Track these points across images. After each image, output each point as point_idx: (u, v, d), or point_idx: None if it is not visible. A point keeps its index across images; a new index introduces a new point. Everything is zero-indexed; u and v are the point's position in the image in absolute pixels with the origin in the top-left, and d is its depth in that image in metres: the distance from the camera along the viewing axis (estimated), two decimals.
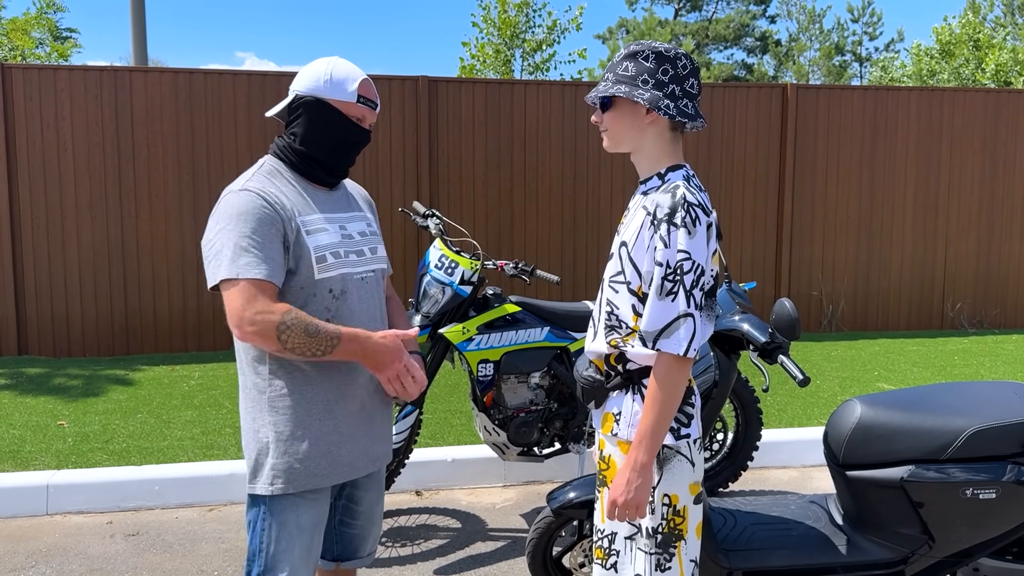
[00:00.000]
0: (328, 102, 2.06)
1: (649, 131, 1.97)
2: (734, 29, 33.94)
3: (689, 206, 1.85)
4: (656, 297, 1.86)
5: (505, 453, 3.89)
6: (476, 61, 13.70)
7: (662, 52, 1.93)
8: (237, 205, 1.95)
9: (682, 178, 1.95)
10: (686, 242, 1.83)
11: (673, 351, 1.84)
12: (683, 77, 1.94)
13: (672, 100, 1.92)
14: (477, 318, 3.75)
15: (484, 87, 7.72)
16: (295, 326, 1.90)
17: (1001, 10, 25.81)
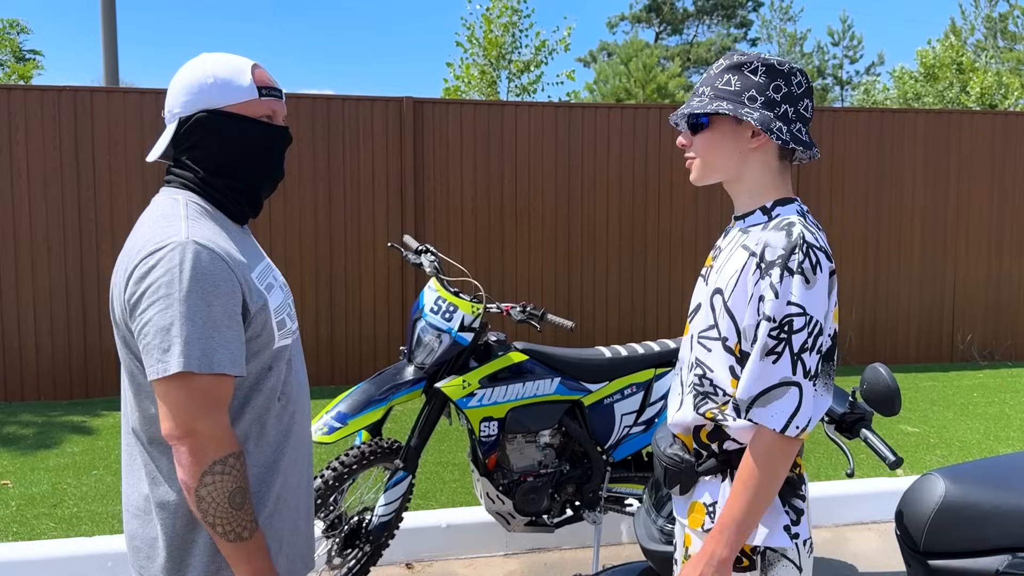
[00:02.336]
0: (225, 111, 1.59)
1: (753, 159, 1.63)
2: (716, 52, 33.92)
3: (809, 248, 1.51)
4: (758, 358, 1.53)
5: (511, 523, 3.40)
6: (460, 82, 13.29)
7: (774, 65, 1.61)
8: (198, 266, 1.47)
9: (795, 212, 1.60)
10: (801, 293, 1.49)
11: (768, 425, 1.52)
12: (797, 97, 1.61)
13: (784, 123, 1.59)
14: (479, 369, 3.27)
15: (472, 109, 7.28)
16: (227, 480, 1.48)
17: (982, 34, 25.92)
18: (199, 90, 1.58)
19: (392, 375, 3.26)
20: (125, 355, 1.57)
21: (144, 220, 1.58)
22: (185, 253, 1.46)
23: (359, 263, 7.08)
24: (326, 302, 7.05)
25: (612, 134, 7.50)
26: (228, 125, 1.59)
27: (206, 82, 1.58)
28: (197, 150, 1.59)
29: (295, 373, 1.71)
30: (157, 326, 1.45)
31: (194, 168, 1.60)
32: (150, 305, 1.45)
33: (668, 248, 7.63)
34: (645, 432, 3.53)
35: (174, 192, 1.61)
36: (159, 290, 1.45)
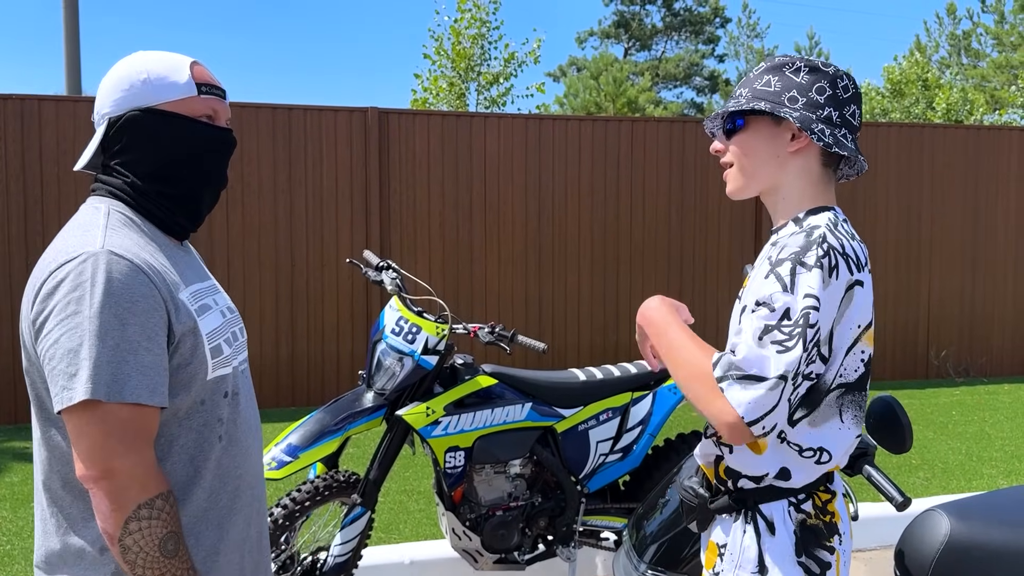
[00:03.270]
0: (159, 109, 1.42)
1: (792, 164, 1.47)
2: (684, 68, 34.10)
3: (829, 248, 1.35)
4: (755, 340, 1.33)
5: (478, 561, 3.16)
6: (428, 94, 13.07)
7: (819, 66, 1.47)
8: (112, 279, 1.28)
9: (828, 221, 1.42)
10: (819, 287, 1.32)
11: (732, 403, 1.31)
12: (843, 101, 1.46)
13: (828, 126, 1.44)
14: (444, 395, 3.03)
15: (440, 120, 7.07)
16: (156, 524, 1.29)
17: (947, 51, 26.33)
18: (130, 87, 1.41)
19: (349, 402, 3.01)
20: (32, 385, 1.37)
21: (60, 234, 1.39)
22: (98, 264, 1.28)
23: (321, 279, 6.82)
24: (287, 320, 6.76)
25: (583, 147, 7.33)
26: (162, 124, 1.41)
27: (138, 78, 1.42)
28: (127, 153, 1.42)
29: (241, 411, 1.50)
30: (64, 348, 1.25)
31: (123, 173, 1.42)
32: (58, 324, 1.26)
33: (641, 262, 7.46)
34: (622, 460, 3.32)
35: (97, 201, 1.43)
36: (68, 307, 1.26)
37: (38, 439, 1.39)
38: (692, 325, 1.79)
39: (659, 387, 3.36)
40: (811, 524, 1.45)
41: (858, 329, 1.41)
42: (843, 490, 1.60)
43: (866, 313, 1.42)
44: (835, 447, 1.43)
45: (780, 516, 1.45)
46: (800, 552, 1.44)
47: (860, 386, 1.43)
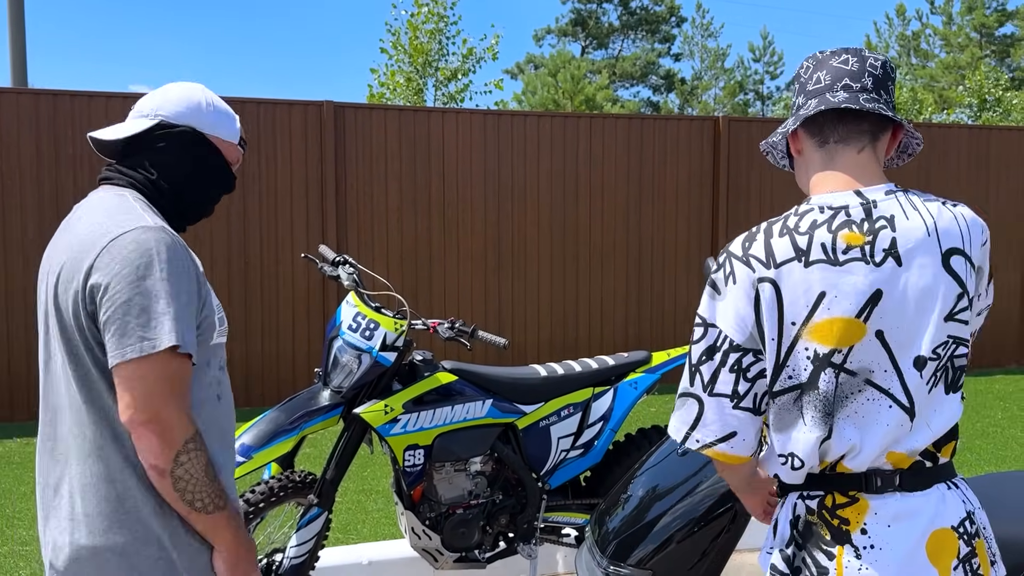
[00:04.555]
0: (208, 137, 1.66)
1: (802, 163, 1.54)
2: (640, 67, 34.36)
3: (728, 257, 1.44)
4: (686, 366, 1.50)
5: (438, 560, 3.11)
6: (386, 89, 12.95)
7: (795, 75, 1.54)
8: (167, 249, 1.48)
9: (790, 213, 1.45)
10: (707, 304, 1.45)
11: (673, 435, 1.49)
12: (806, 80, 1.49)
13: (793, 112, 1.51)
14: (403, 392, 2.98)
15: (397, 115, 7.00)
16: (200, 455, 1.46)
17: (896, 51, 26.88)
18: (196, 108, 1.64)
19: (305, 401, 2.94)
20: (73, 351, 1.48)
21: (90, 213, 1.53)
22: (158, 237, 1.47)
23: (276, 277, 6.70)
24: (240, 319, 6.63)
25: (542, 143, 7.31)
26: (204, 150, 1.65)
27: (205, 106, 1.65)
28: (164, 155, 1.62)
29: (226, 377, 1.70)
30: (139, 306, 1.41)
31: (149, 171, 1.62)
32: (128, 284, 1.42)
33: (600, 258, 7.46)
34: (583, 456, 3.29)
35: (117, 190, 1.59)
36: (137, 271, 1.43)
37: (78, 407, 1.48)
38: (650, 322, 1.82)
39: (620, 382, 3.35)
40: (809, 521, 1.42)
41: (792, 327, 1.37)
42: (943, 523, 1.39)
43: (799, 310, 1.37)
44: (802, 450, 1.39)
45: (790, 504, 1.46)
46: (792, 543, 1.43)
47: (815, 384, 1.37)
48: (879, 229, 1.37)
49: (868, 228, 1.37)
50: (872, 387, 1.36)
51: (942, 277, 1.36)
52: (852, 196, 1.40)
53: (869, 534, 1.37)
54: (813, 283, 1.35)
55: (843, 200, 1.39)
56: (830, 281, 1.35)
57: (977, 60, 26.53)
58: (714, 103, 34.02)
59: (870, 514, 1.38)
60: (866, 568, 1.36)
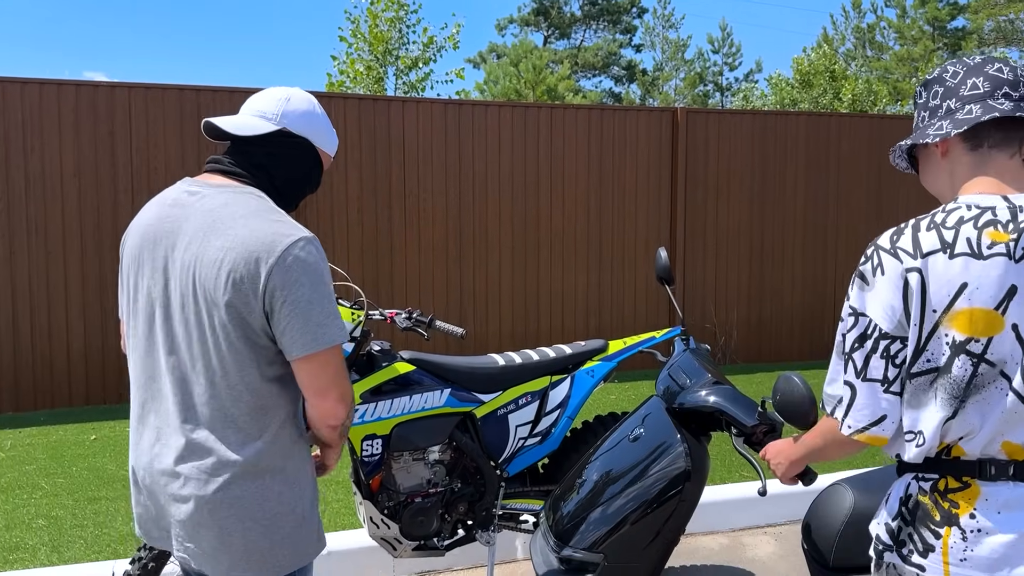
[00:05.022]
0: (319, 151, 1.92)
1: (948, 166, 1.60)
2: (602, 57, 34.44)
3: (876, 249, 1.54)
4: (835, 353, 1.62)
5: (397, 549, 3.13)
6: (345, 77, 12.82)
7: (928, 78, 1.64)
8: (323, 259, 1.76)
9: (937, 210, 1.55)
10: (857, 295, 1.55)
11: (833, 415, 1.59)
12: (956, 86, 1.56)
13: (948, 118, 1.55)
14: (361, 383, 2.98)
15: (357, 104, 6.95)
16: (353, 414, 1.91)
17: (852, 43, 27.28)
18: (315, 123, 1.88)
19: None
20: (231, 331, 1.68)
21: (246, 212, 1.71)
22: (319, 247, 1.74)
23: None
24: None
25: (504, 133, 7.32)
26: (312, 159, 1.91)
27: (320, 121, 1.90)
28: (280, 158, 1.84)
29: None
30: (320, 307, 1.69)
31: (265, 170, 1.83)
32: (310, 287, 1.68)
33: (561, 249, 7.50)
34: (541, 444, 3.33)
35: (252, 190, 1.79)
36: (312, 276, 1.69)
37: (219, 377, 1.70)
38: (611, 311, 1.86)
39: (577, 371, 3.38)
40: (920, 501, 1.54)
41: (934, 315, 1.47)
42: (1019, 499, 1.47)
43: (942, 299, 1.46)
44: (928, 428, 1.49)
45: (903, 482, 1.58)
46: (899, 517, 1.57)
47: (949, 369, 1.47)
48: (1023, 230, 1.46)
49: (1013, 228, 1.45)
50: (1003, 377, 1.46)
51: None
52: (1000, 199, 1.49)
53: (978, 519, 1.47)
54: (956, 274, 1.44)
55: (991, 202, 1.49)
56: (973, 273, 1.44)
57: (930, 52, 27.06)
58: (675, 94, 34.25)
59: (981, 500, 1.48)
60: (970, 550, 1.46)
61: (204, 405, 1.72)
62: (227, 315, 1.67)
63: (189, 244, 1.71)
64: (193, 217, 1.73)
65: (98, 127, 6.28)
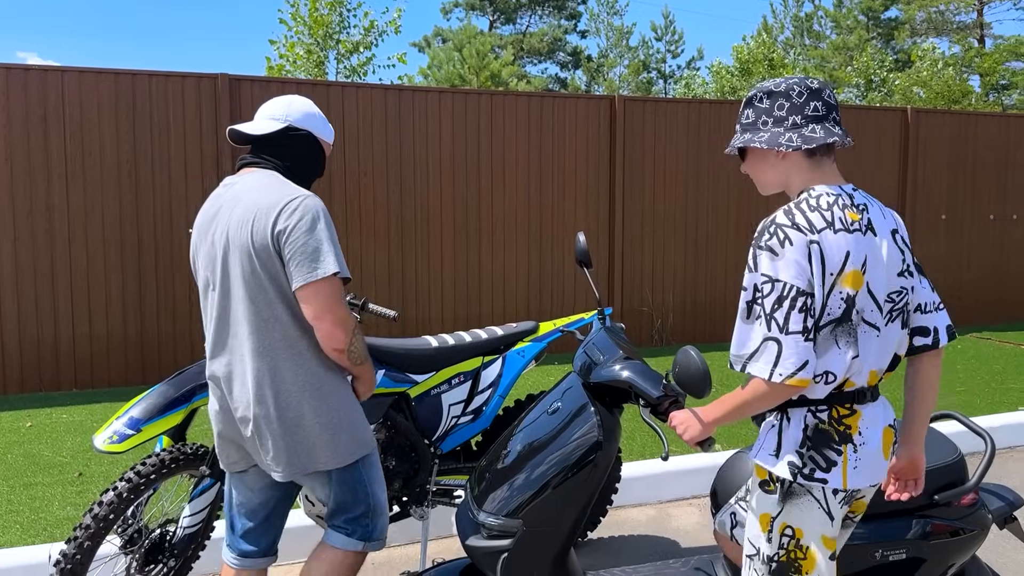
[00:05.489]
0: (320, 140, 2.43)
1: (785, 166, 1.95)
2: (548, 43, 34.52)
3: (778, 228, 1.82)
4: (741, 320, 1.86)
5: None
6: (285, 61, 12.68)
7: (772, 89, 1.93)
8: (323, 210, 2.22)
9: (802, 198, 1.88)
10: (768, 265, 1.81)
11: (760, 375, 1.81)
12: (801, 104, 1.90)
13: (794, 131, 1.89)
14: None
15: (295, 88, 6.94)
16: (360, 335, 2.31)
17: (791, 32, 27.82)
18: (314, 120, 2.41)
19: (195, 375, 2.98)
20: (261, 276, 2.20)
21: (260, 186, 2.25)
22: (317, 202, 2.23)
23: (171, 254, 6.59)
24: (134, 295, 6.51)
25: (444, 118, 7.38)
26: (316, 148, 2.43)
27: (319, 119, 2.43)
28: (292, 149, 2.37)
29: None
30: (312, 247, 2.16)
31: (282, 159, 2.36)
32: (303, 233, 2.15)
33: (502, 233, 7.61)
34: (473, 422, 3.44)
35: (270, 169, 2.34)
36: (307, 223, 2.16)
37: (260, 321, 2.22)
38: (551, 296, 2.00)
39: (509, 351, 3.49)
40: (822, 428, 1.87)
41: (831, 276, 1.80)
42: (888, 421, 1.93)
43: (835, 264, 1.80)
44: (836, 368, 1.82)
45: (798, 417, 1.89)
46: (804, 445, 1.87)
47: (847, 318, 1.82)
48: (862, 210, 1.87)
49: (858, 209, 1.87)
50: (866, 323, 1.85)
51: (894, 246, 1.90)
52: (840, 188, 1.90)
53: (862, 434, 1.88)
54: (842, 244, 1.81)
55: (838, 191, 1.90)
56: (850, 243, 1.82)
57: (864, 42, 27.76)
58: (619, 81, 34.51)
59: (861, 420, 1.88)
60: (859, 459, 1.87)
61: (251, 336, 2.22)
62: (257, 263, 2.18)
63: (228, 218, 2.24)
64: (228, 200, 2.27)
65: (31, 111, 6.18)
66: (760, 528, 1.93)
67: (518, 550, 2.12)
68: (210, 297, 2.31)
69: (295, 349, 2.23)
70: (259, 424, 2.25)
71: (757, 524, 1.94)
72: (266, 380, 2.23)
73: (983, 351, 8.08)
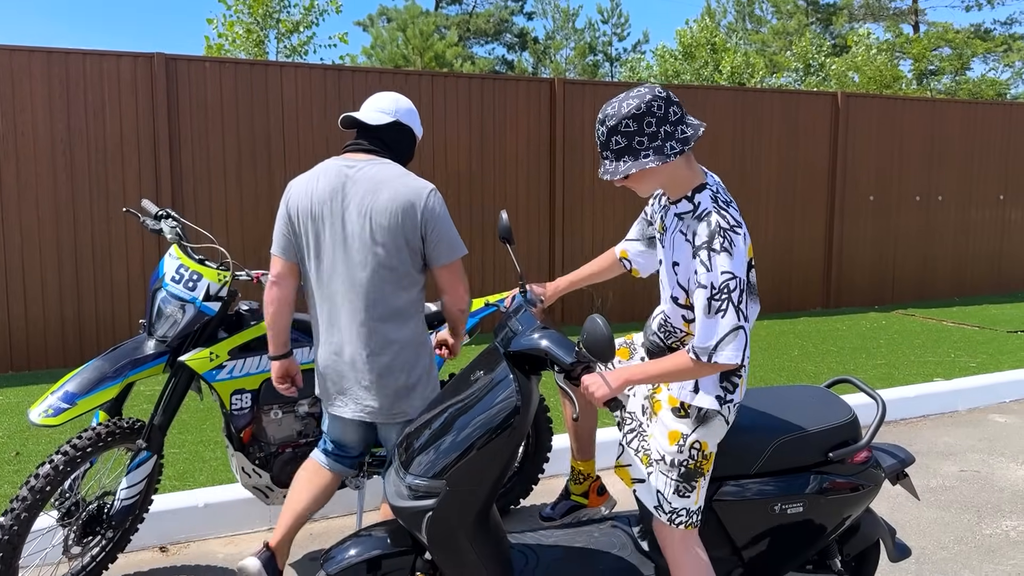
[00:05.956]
0: (414, 134, 2.87)
1: (667, 170, 2.17)
2: (494, 24, 34.44)
3: (724, 231, 2.06)
4: (705, 316, 2.04)
5: (269, 496, 3.31)
6: (224, 40, 12.52)
7: (633, 112, 2.08)
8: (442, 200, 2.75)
9: (709, 199, 2.15)
10: (728, 263, 2.03)
11: (731, 363, 2.05)
12: (664, 115, 2.08)
13: (671, 139, 2.09)
14: (228, 340, 3.13)
15: (233, 68, 6.91)
16: None
17: (734, 16, 28.23)
18: (414, 117, 2.85)
19: (130, 350, 3.04)
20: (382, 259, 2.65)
21: (392, 176, 2.68)
22: (438, 194, 2.71)
23: (109, 235, 6.54)
24: (71, 277, 6.45)
25: None
26: (412, 141, 2.88)
27: (416, 116, 2.86)
28: (396, 141, 2.80)
29: None
30: (450, 234, 2.71)
31: (391, 147, 2.79)
32: (442, 221, 2.69)
33: None
34: None
35: (388, 160, 2.74)
36: (443, 211, 2.70)
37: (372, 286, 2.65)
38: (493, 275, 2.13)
39: (441, 326, 3.60)
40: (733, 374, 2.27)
41: (751, 263, 2.19)
42: None
43: (748, 248, 2.12)
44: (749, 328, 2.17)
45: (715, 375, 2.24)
46: (721, 380, 2.25)
47: (752, 287, 2.22)
48: None
49: None
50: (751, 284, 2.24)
51: None
52: (711, 177, 2.28)
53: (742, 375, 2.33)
54: (747, 235, 2.13)
55: (715, 181, 2.27)
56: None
57: (803, 27, 28.33)
58: (566, 64, 34.63)
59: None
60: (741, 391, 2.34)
61: (363, 297, 2.65)
62: (391, 245, 2.62)
63: (363, 198, 2.61)
64: (361, 181, 2.63)
65: None
66: (669, 442, 2.27)
67: (442, 508, 2.24)
68: (324, 260, 2.69)
69: (400, 312, 2.68)
70: (361, 373, 2.69)
71: (666, 439, 2.27)
72: (373, 337, 2.66)
73: (907, 327, 8.46)
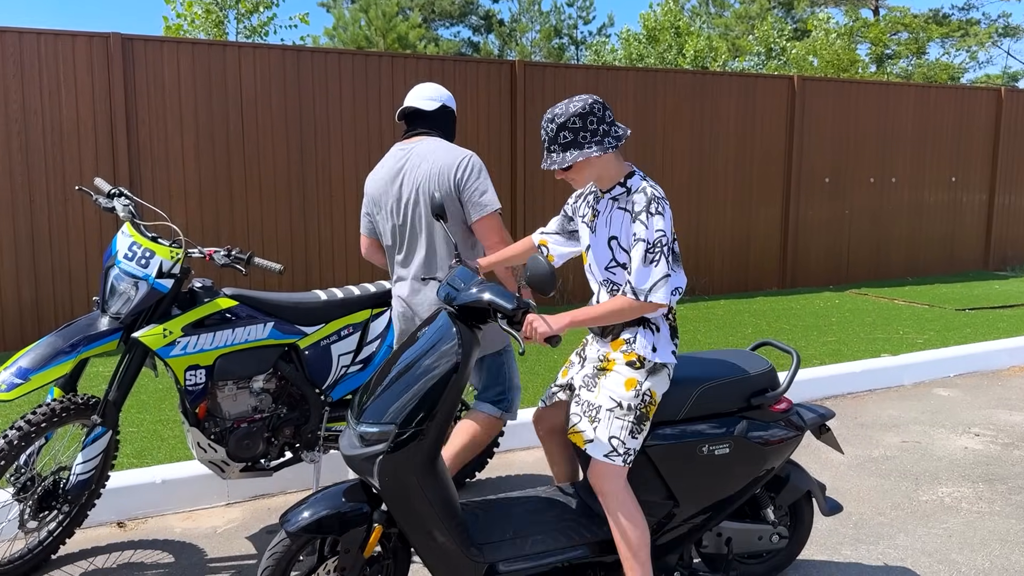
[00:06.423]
0: (455, 116, 3.39)
1: (601, 163, 2.58)
2: (459, 6, 34.25)
3: (658, 200, 2.51)
4: (642, 265, 2.47)
5: (225, 471, 3.36)
6: (183, 20, 12.38)
7: (580, 111, 2.50)
8: (481, 164, 3.18)
9: (640, 179, 2.60)
10: (661, 223, 2.48)
11: (663, 302, 2.48)
12: (603, 116, 2.52)
13: (608, 136, 2.53)
14: (182, 317, 3.17)
15: (191, 48, 6.87)
16: None
17: (697, 0, 28.40)
18: (453, 101, 3.35)
19: (83, 327, 3.07)
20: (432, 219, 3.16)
21: (437, 148, 3.19)
22: (477, 157, 3.16)
23: (66, 217, 6.49)
24: (27, 260, 6.41)
25: (344, 81, 7.42)
26: (454, 119, 3.36)
27: (454, 101, 3.36)
28: (444, 123, 3.31)
29: None
30: (481, 189, 3.11)
31: (441, 128, 3.30)
32: (476, 180, 3.12)
33: None
34: (363, 371, 3.63)
35: (435, 137, 3.25)
36: (479, 172, 3.14)
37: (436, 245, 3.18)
38: None
39: None
40: (673, 326, 2.67)
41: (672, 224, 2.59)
42: None
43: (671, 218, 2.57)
44: (682, 284, 2.56)
45: (663, 323, 2.63)
46: (672, 337, 2.66)
47: (677, 256, 2.56)
48: None
49: None
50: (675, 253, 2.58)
51: None
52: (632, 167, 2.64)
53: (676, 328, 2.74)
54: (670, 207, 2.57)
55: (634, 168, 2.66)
56: None
57: (765, 11, 28.57)
58: (531, 46, 34.60)
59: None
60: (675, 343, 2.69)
61: (427, 260, 3.16)
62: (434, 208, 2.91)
63: (415, 172, 3.13)
64: (412, 158, 3.16)
65: None
66: (627, 388, 2.58)
67: (392, 450, 2.36)
68: (396, 233, 3.22)
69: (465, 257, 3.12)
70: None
71: (623, 385, 2.59)
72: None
73: (859, 305, 8.68)
